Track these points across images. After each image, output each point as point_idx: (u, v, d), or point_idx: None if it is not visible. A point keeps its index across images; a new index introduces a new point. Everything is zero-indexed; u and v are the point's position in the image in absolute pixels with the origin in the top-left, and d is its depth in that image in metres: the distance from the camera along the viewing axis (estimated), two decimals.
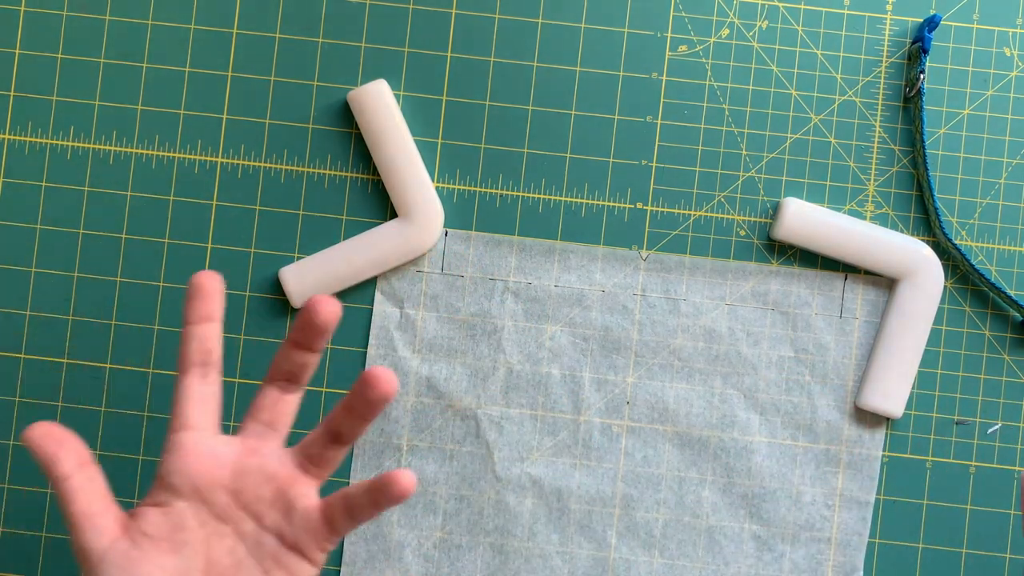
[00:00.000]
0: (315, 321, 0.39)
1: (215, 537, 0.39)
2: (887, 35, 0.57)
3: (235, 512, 0.39)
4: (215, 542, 0.39)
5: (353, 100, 0.55)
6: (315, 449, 0.40)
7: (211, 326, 0.40)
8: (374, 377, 0.38)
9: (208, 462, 0.39)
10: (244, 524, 0.39)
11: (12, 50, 0.56)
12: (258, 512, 0.39)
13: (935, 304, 0.55)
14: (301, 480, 0.40)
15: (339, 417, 0.39)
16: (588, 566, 0.55)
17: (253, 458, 0.40)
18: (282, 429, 0.41)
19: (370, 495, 0.39)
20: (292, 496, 0.40)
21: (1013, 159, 0.56)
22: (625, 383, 0.56)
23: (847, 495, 0.55)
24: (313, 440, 0.40)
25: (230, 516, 0.39)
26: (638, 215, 0.56)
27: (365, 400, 0.38)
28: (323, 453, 0.40)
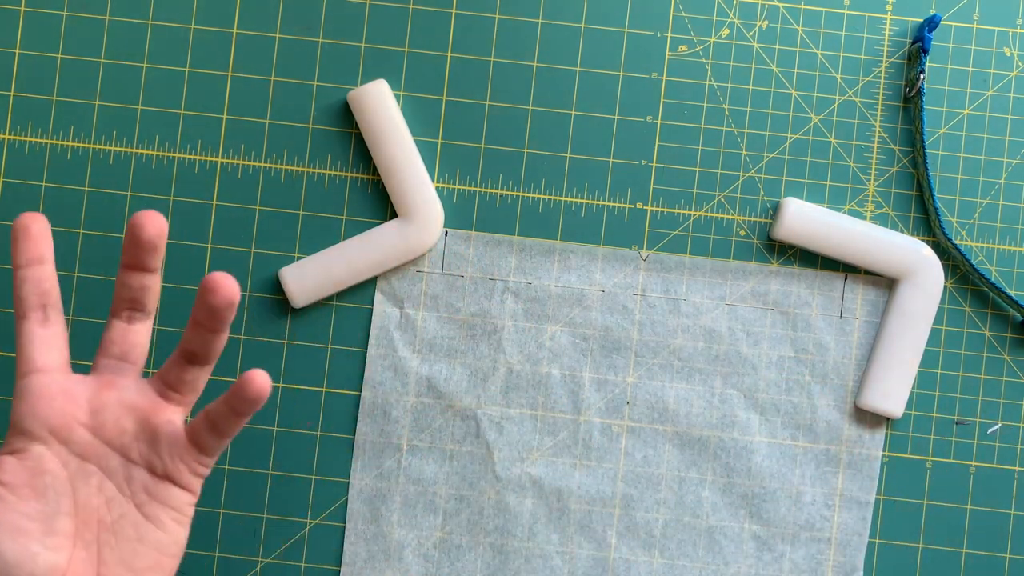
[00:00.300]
0: (141, 237, 0.38)
1: (80, 477, 0.38)
2: (887, 35, 0.57)
3: (99, 449, 0.38)
4: (81, 482, 0.38)
5: (353, 100, 0.55)
6: (173, 374, 0.39)
7: (43, 267, 0.39)
8: (213, 282, 0.37)
9: (61, 402, 0.38)
10: (110, 460, 0.39)
11: (12, 50, 0.56)
12: (123, 446, 0.39)
13: (935, 304, 0.55)
14: (163, 408, 0.39)
15: (189, 334, 0.38)
16: (588, 566, 0.55)
17: (110, 392, 0.39)
18: (136, 361, 0.40)
19: (228, 403, 0.38)
20: (155, 424, 0.39)
21: (1013, 159, 0.56)
22: (625, 383, 0.56)
23: (847, 495, 0.55)
24: (170, 365, 0.39)
25: (93, 453, 0.38)
26: (638, 215, 0.56)
27: (208, 308, 0.37)
28: (182, 377, 0.39)
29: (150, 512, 0.39)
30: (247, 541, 0.55)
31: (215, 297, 0.37)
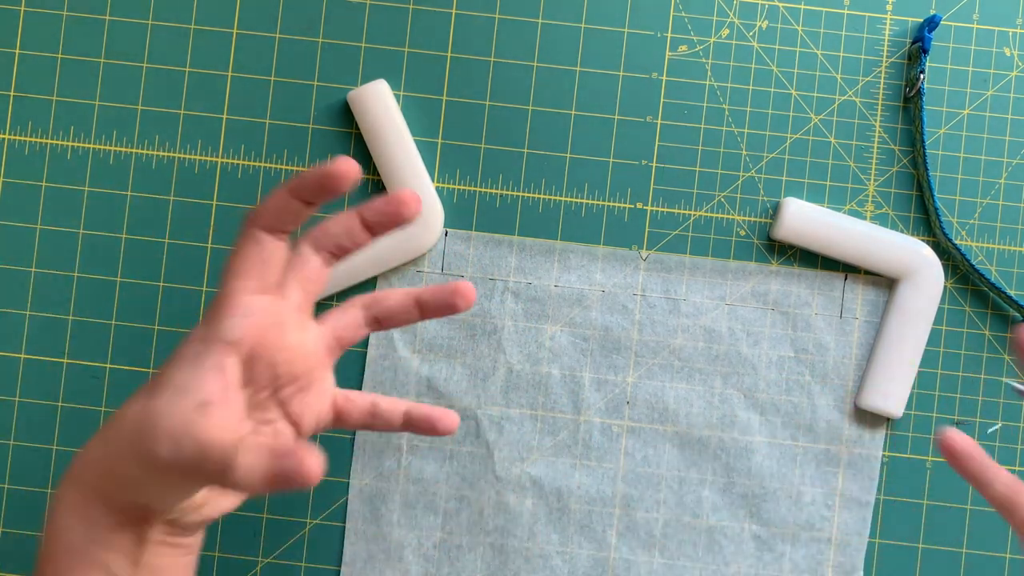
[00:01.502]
0: (402, 212, 0.39)
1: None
2: (887, 35, 0.57)
3: (262, 379, 0.39)
4: None
5: (353, 100, 0.55)
6: (350, 332, 0.41)
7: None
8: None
9: (274, 332, 0.38)
10: (262, 392, 0.39)
11: (12, 50, 0.56)
12: (279, 383, 0.39)
13: (935, 304, 0.55)
14: (326, 364, 0.41)
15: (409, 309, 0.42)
16: (588, 566, 0.55)
17: (300, 334, 0.40)
18: (314, 300, 0.41)
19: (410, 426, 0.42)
20: (314, 379, 0.40)
21: (1013, 159, 0.56)
22: (625, 383, 0.56)
23: (847, 495, 0.55)
24: (351, 323, 0.41)
25: (254, 382, 0.39)
26: (638, 215, 0.56)
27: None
28: (356, 335, 0.42)
29: None
30: (247, 541, 0.55)
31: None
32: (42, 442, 0.56)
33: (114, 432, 0.38)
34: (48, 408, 0.56)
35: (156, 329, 0.56)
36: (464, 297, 0.42)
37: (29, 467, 0.56)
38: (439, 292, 0.42)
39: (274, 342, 0.38)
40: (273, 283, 0.39)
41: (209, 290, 0.56)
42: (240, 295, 0.38)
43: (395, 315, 0.42)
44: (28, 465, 0.56)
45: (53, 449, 0.56)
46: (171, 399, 0.36)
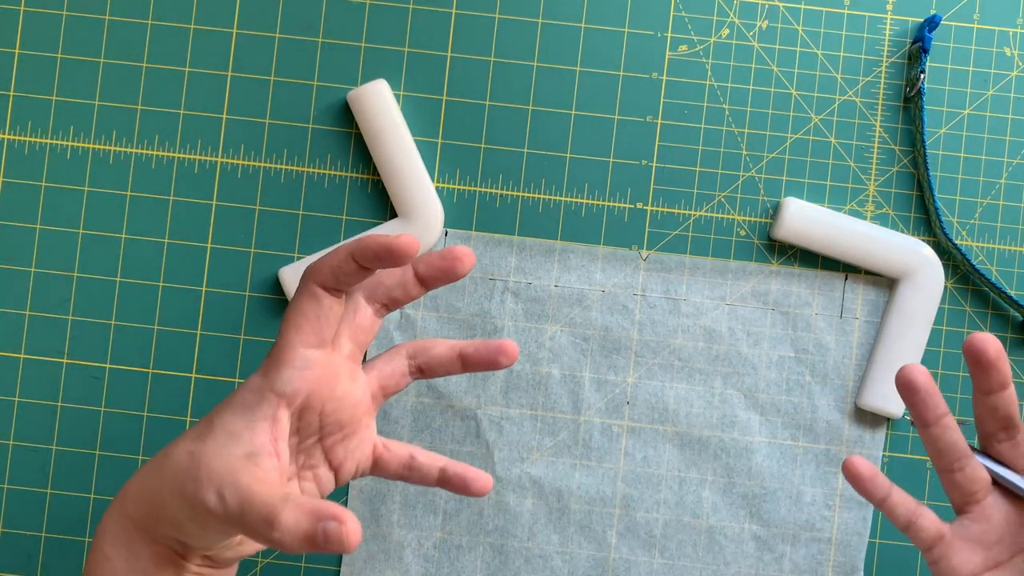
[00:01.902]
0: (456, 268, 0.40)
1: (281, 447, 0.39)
2: (887, 35, 0.57)
3: (310, 428, 0.40)
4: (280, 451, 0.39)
5: (353, 100, 0.55)
6: (394, 381, 0.42)
7: None
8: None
9: (327, 385, 0.40)
10: (308, 439, 0.40)
11: (12, 50, 0.56)
12: (325, 431, 0.41)
13: (935, 304, 0.55)
14: (371, 412, 0.42)
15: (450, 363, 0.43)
16: (588, 566, 0.55)
17: (350, 384, 0.41)
18: (364, 350, 0.42)
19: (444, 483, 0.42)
20: (359, 427, 0.41)
21: (1013, 159, 0.56)
22: (625, 383, 0.56)
23: (847, 495, 0.55)
24: (396, 372, 0.42)
25: (302, 431, 0.40)
26: (638, 215, 0.56)
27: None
28: (400, 385, 0.43)
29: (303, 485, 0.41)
30: None
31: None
32: (42, 442, 0.56)
33: (161, 469, 0.38)
34: (48, 408, 0.56)
35: (156, 329, 0.56)
36: (508, 355, 0.42)
37: (29, 467, 0.56)
38: (484, 349, 0.43)
39: (326, 394, 0.40)
40: (329, 337, 0.40)
41: (209, 290, 0.56)
42: (297, 349, 0.39)
43: (439, 366, 0.43)
44: (28, 465, 0.56)
45: (53, 449, 0.56)
46: (222, 445, 0.37)
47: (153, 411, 0.56)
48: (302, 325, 0.39)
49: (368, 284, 0.42)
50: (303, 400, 0.39)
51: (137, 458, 0.56)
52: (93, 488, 0.56)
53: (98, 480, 0.56)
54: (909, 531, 0.42)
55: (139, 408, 0.56)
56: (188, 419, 0.56)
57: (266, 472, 0.37)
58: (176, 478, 0.37)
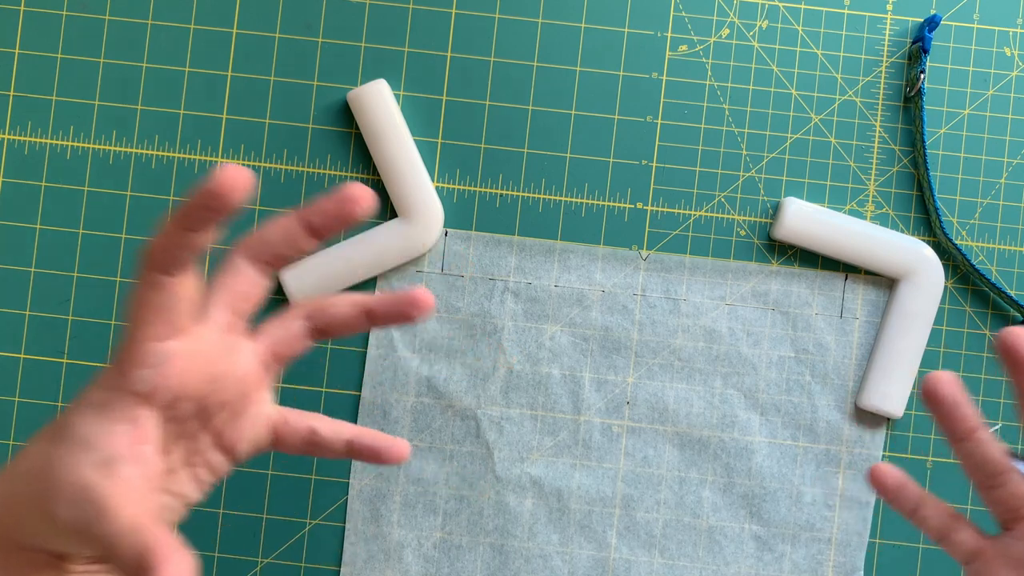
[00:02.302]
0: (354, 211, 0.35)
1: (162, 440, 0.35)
2: (887, 35, 0.57)
3: (187, 414, 0.35)
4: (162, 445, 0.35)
5: (353, 100, 0.55)
6: (290, 346, 0.37)
7: None
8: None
9: (198, 368, 0.35)
10: (191, 425, 0.36)
11: (12, 50, 0.56)
12: (208, 413, 0.36)
13: (935, 304, 0.55)
14: (262, 384, 0.37)
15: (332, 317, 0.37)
16: (588, 566, 0.55)
17: (229, 360, 0.36)
18: (248, 317, 0.37)
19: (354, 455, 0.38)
20: (248, 403, 0.37)
21: (1013, 159, 0.56)
22: (625, 383, 0.56)
23: (847, 495, 0.55)
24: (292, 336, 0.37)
25: (177, 419, 0.35)
26: (638, 215, 0.56)
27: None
28: (298, 349, 0.37)
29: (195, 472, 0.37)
30: (247, 541, 0.55)
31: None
32: None
33: (16, 475, 0.34)
34: (48, 408, 0.56)
35: None
36: (420, 307, 0.37)
37: None
38: (392, 303, 0.37)
39: (199, 377, 0.35)
40: (184, 322, 0.35)
41: None
42: (146, 343, 0.34)
43: (342, 326, 0.38)
44: None
45: None
46: (74, 452, 0.33)
47: None
48: (147, 318, 0.33)
49: (248, 243, 0.36)
50: (169, 395, 0.34)
51: None
52: None
53: None
54: (943, 544, 0.39)
55: None
56: None
57: (125, 482, 0.32)
58: (30, 487, 0.33)
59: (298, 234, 0.36)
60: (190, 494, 0.37)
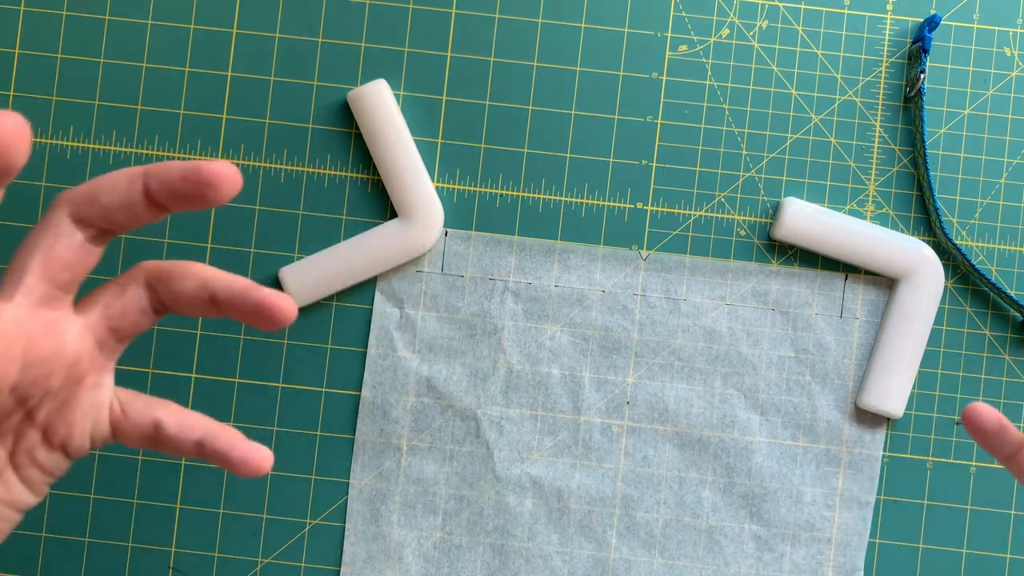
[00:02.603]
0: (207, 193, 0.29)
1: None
2: (887, 35, 0.57)
3: (4, 408, 0.30)
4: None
5: (353, 100, 0.55)
6: (131, 320, 0.31)
7: None
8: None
9: (8, 353, 0.29)
10: (11, 419, 0.31)
11: (12, 50, 0.56)
12: (34, 404, 0.31)
13: (935, 304, 0.55)
14: (98, 366, 0.32)
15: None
16: (588, 566, 0.55)
17: (50, 340, 0.30)
18: (74, 289, 0.31)
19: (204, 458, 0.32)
20: (80, 389, 0.31)
21: (1013, 159, 0.56)
22: (625, 383, 0.56)
23: (847, 495, 0.55)
24: (132, 309, 0.31)
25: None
26: (638, 215, 0.56)
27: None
28: (140, 324, 0.32)
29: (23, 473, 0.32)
30: (247, 541, 0.55)
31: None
32: None
33: None
34: None
35: (156, 329, 0.56)
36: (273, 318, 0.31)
37: None
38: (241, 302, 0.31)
39: (12, 363, 0.29)
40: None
41: None
42: None
43: (189, 306, 0.32)
44: None
45: None
46: None
47: None
48: None
49: (77, 198, 0.30)
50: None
51: (137, 458, 0.56)
52: (93, 488, 0.56)
53: (98, 480, 0.56)
54: None
55: None
56: None
57: None
58: None
59: (138, 202, 0.29)
60: (21, 499, 0.32)
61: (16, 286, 0.29)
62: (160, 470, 0.55)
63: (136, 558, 0.55)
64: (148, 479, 0.55)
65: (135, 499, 0.56)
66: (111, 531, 0.55)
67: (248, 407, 0.56)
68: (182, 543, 0.55)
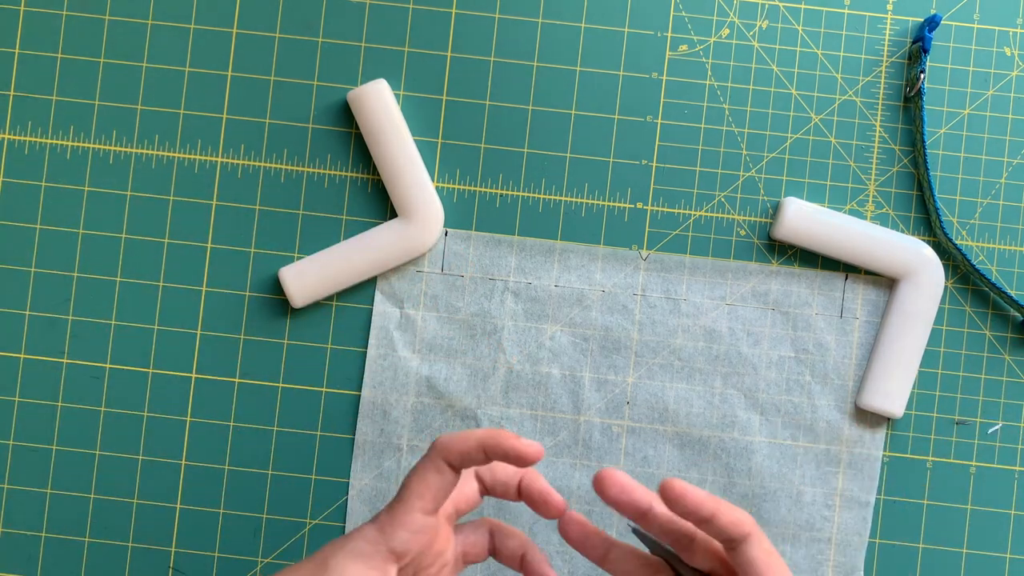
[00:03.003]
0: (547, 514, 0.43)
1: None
2: (887, 35, 0.57)
3: (408, 572, 0.43)
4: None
5: (353, 100, 0.55)
6: (475, 550, 0.45)
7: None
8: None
9: (429, 543, 0.42)
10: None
11: (12, 50, 0.56)
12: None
13: (935, 304, 0.55)
14: (452, 572, 0.45)
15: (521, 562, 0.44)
16: (588, 566, 0.55)
17: (442, 543, 0.43)
18: (459, 518, 0.45)
19: None
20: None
21: (1013, 159, 0.56)
22: (625, 383, 0.56)
23: (847, 495, 0.55)
24: (478, 543, 0.45)
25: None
26: (638, 215, 0.56)
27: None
28: (479, 556, 0.45)
29: None
30: (247, 541, 0.55)
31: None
32: (42, 442, 0.56)
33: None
34: (48, 408, 0.56)
35: (156, 329, 0.56)
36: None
37: (29, 467, 0.56)
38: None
39: (425, 551, 0.42)
40: (441, 505, 0.43)
41: (209, 290, 0.56)
42: (416, 514, 0.41)
43: (508, 558, 0.45)
44: (28, 465, 0.56)
45: (53, 449, 0.56)
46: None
47: (153, 411, 0.56)
48: (424, 494, 0.41)
49: (482, 473, 0.45)
50: (410, 559, 0.42)
51: (137, 458, 0.56)
52: (93, 488, 0.56)
53: (98, 480, 0.56)
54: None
55: (139, 408, 0.56)
56: (188, 419, 0.56)
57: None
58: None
59: (511, 490, 0.44)
60: None
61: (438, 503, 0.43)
62: (160, 470, 0.56)
63: (136, 558, 0.55)
64: (148, 479, 0.56)
65: (135, 499, 0.56)
66: (111, 531, 0.55)
67: (248, 407, 0.56)
68: (182, 543, 0.55)
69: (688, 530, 0.41)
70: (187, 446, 0.56)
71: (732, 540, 0.39)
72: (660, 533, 0.41)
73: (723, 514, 0.39)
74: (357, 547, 0.41)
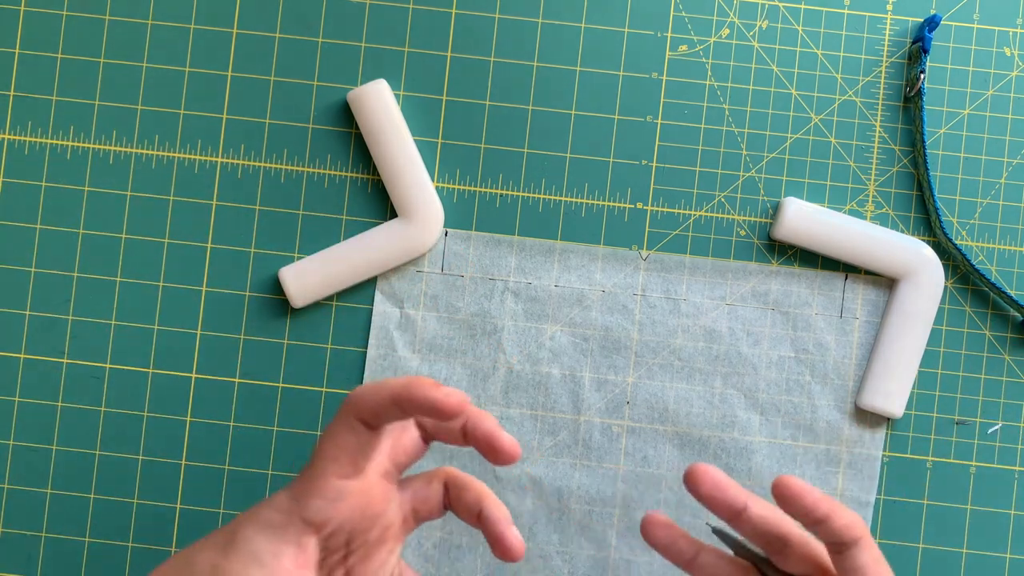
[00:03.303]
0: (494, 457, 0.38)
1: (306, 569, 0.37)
2: (887, 35, 0.57)
3: (335, 547, 0.38)
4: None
5: (353, 100, 0.55)
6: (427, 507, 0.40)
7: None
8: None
9: (358, 508, 0.38)
10: (333, 557, 0.38)
11: (12, 50, 0.56)
12: (351, 550, 0.38)
13: (935, 304, 0.55)
14: (399, 535, 0.40)
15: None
16: (588, 566, 0.55)
17: (382, 504, 0.39)
18: (402, 472, 0.41)
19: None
20: (381, 548, 0.39)
21: (1013, 159, 0.56)
22: (625, 383, 0.56)
23: (847, 495, 0.55)
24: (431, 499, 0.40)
25: (327, 551, 0.38)
26: (638, 215, 0.56)
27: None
28: (433, 513, 0.40)
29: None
30: None
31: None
32: (42, 442, 0.56)
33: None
34: (48, 408, 0.56)
35: (156, 329, 0.56)
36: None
37: (29, 467, 0.56)
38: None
39: (356, 516, 0.38)
40: (364, 467, 0.38)
41: (209, 290, 0.56)
42: (330, 479, 0.37)
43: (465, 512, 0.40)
44: (28, 465, 0.56)
45: (53, 449, 0.56)
46: (244, 565, 0.36)
47: (153, 411, 0.56)
48: (338, 457, 0.37)
49: (422, 421, 0.41)
50: (334, 528, 0.37)
51: (137, 458, 0.56)
52: (93, 488, 0.56)
53: (98, 480, 0.56)
54: None
55: (139, 408, 0.56)
56: (188, 419, 0.56)
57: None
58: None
59: (457, 432, 0.39)
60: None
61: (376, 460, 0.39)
62: (160, 470, 0.56)
63: (136, 558, 0.55)
64: (148, 479, 0.55)
65: (135, 499, 0.56)
66: (111, 531, 0.55)
67: (248, 407, 0.56)
68: (182, 543, 0.55)
69: (783, 532, 0.38)
70: (187, 446, 0.56)
71: (843, 544, 0.37)
72: (752, 535, 0.38)
73: (838, 516, 0.37)
74: (268, 517, 0.37)
